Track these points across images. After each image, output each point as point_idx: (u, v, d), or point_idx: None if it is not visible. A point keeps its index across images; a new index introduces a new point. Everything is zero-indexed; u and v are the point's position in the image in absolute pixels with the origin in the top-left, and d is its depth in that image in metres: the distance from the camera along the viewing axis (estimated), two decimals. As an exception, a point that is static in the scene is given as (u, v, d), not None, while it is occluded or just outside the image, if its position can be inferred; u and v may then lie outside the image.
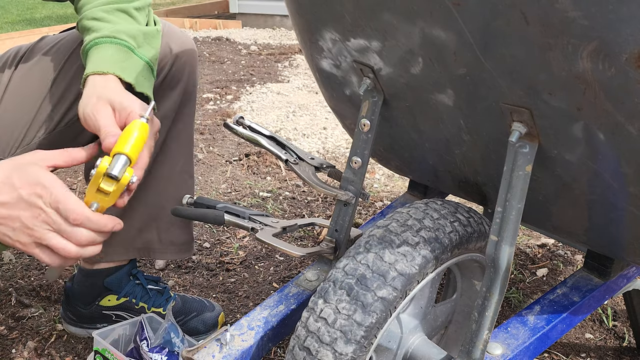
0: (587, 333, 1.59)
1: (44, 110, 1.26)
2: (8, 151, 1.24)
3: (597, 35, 0.65)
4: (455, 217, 0.96)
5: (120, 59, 1.10)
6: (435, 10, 0.78)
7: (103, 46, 1.10)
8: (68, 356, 1.49)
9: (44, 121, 1.25)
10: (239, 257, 1.96)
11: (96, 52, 1.09)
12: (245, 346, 1.01)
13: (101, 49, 1.10)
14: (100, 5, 1.16)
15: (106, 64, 1.07)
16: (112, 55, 1.09)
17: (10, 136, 1.24)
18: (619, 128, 0.73)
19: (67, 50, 1.28)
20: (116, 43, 1.11)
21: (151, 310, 1.51)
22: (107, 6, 1.16)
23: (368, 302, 0.86)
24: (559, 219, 1.00)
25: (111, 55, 1.09)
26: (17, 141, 1.25)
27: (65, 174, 2.62)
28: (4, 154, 1.24)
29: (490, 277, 0.88)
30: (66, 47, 1.28)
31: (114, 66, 1.07)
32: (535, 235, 2.07)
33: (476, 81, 0.84)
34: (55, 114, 1.26)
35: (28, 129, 1.25)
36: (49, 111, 1.26)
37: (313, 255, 1.09)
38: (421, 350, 1.02)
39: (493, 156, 0.96)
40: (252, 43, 5.78)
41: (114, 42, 1.11)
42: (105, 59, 1.08)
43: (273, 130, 3.25)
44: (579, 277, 1.14)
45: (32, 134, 1.25)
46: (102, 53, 1.09)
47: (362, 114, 1.04)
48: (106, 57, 1.08)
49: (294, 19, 1.10)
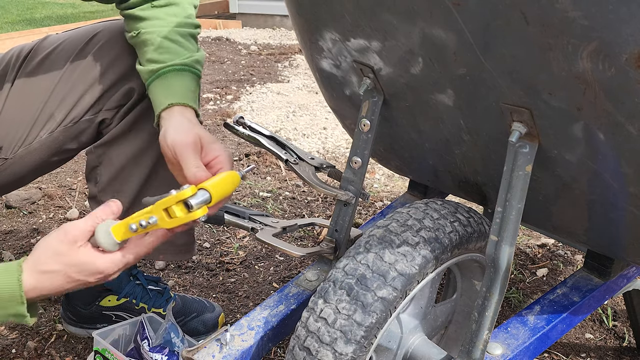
0: (587, 333, 1.59)
1: (47, 110, 1.26)
2: (10, 150, 1.25)
3: (597, 35, 0.65)
4: (455, 217, 0.96)
5: (195, 89, 1.16)
6: (435, 10, 0.78)
7: (185, 75, 1.15)
8: (68, 356, 1.49)
9: (46, 121, 1.26)
10: (239, 257, 1.96)
11: (179, 79, 1.14)
12: (245, 346, 1.01)
13: (184, 78, 1.15)
14: (171, 26, 1.18)
15: (189, 95, 1.13)
16: (190, 85, 1.15)
17: (13, 136, 1.25)
18: (619, 128, 0.73)
19: (71, 50, 1.28)
20: (194, 73, 1.17)
21: (151, 310, 1.51)
22: (182, 29, 1.19)
23: (368, 302, 0.86)
24: (559, 219, 1.00)
25: (189, 85, 1.15)
26: (20, 140, 1.25)
27: (66, 174, 2.62)
28: (6, 153, 1.25)
29: (490, 277, 0.88)
30: (71, 47, 1.28)
31: (194, 99, 1.14)
32: (535, 235, 2.07)
33: (476, 81, 0.83)
34: (58, 113, 1.26)
35: (31, 129, 1.26)
36: (52, 111, 1.26)
37: (313, 255, 1.09)
38: (421, 350, 1.02)
39: (493, 156, 0.96)
40: (252, 43, 5.78)
41: (192, 71, 1.16)
42: (188, 89, 1.14)
43: (273, 130, 3.25)
44: (579, 277, 1.14)
45: (35, 134, 1.26)
46: (185, 82, 1.14)
47: (362, 114, 1.04)
48: (189, 88, 1.15)
49: (294, 19, 1.10)
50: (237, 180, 1.00)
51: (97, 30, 1.29)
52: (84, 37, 1.28)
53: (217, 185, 0.95)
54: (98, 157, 1.32)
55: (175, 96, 1.12)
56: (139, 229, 0.91)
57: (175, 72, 1.14)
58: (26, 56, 1.29)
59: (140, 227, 0.91)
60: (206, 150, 1.06)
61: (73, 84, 1.26)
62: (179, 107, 1.11)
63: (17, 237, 2.08)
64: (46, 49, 1.29)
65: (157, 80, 1.15)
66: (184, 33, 1.19)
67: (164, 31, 1.17)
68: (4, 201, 2.32)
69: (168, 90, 1.13)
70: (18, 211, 2.27)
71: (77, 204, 2.35)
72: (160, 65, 1.14)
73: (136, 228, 0.91)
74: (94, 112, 1.27)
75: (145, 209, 0.93)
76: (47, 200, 2.36)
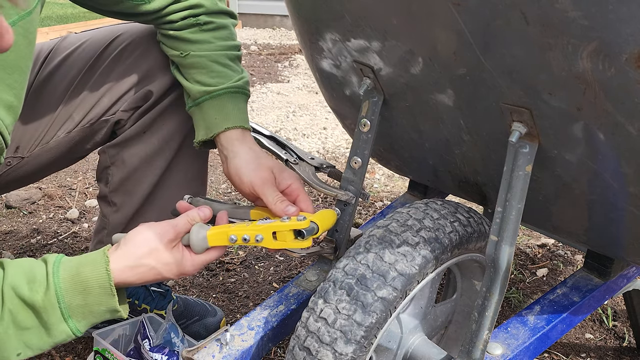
0: (587, 333, 1.59)
1: (65, 111, 1.27)
2: (27, 149, 1.27)
3: (597, 35, 0.65)
4: (455, 217, 0.96)
5: (246, 110, 1.20)
6: (435, 10, 0.78)
7: (238, 97, 1.19)
8: (68, 356, 1.49)
9: (64, 121, 1.28)
10: (239, 257, 1.96)
11: (233, 102, 1.18)
12: (245, 346, 1.01)
13: (238, 100, 1.18)
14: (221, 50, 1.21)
15: (244, 117, 1.18)
16: (243, 107, 1.19)
17: (31, 135, 1.27)
18: (619, 128, 0.73)
19: (92, 52, 1.29)
20: (245, 94, 1.21)
21: (153, 312, 1.51)
22: (230, 52, 1.22)
23: (368, 302, 0.86)
24: (559, 219, 1.00)
25: (243, 107, 1.19)
26: (38, 140, 1.27)
27: (66, 174, 2.62)
28: (23, 152, 1.27)
29: (490, 277, 0.88)
30: (91, 49, 1.30)
31: (248, 120, 1.19)
32: (535, 235, 2.07)
33: (476, 81, 0.83)
34: (77, 114, 1.28)
35: (49, 129, 1.27)
36: (70, 112, 1.27)
37: (313, 255, 1.09)
38: (421, 350, 1.02)
39: (493, 156, 0.96)
40: (252, 43, 5.78)
41: (244, 92, 1.20)
42: (243, 111, 1.19)
43: (273, 130, 3.25)
44: (579, 277, 1.14)
45: (52, 133, 1.27)
46: (239, 105, 1.18)
47: (362, 114, 1.04)
48: (243, 110, 1.19)
49: (294, 19, 1.10)
50: (335, 217, 1.08)
51: (118, 32, 1.31)
52: (105, 39, 1.30)
53: (322, 220, 1.02)
54: (111, 157, 1.32)
55: (232, 119, 1.16)
56: (238, 241, 0.97)
57: (230, 95, 1.18)
58: (46, 57, 1.30)
59: (242, 241, 0.97)
60: (279, 180, 1.10)
61: (92, 85, 1.28)
62: (237, 132, 1.15)
63: (17, 237, 2.08)
64: (66, 49, 1.30)
65: (210, 100, 1.17)
66: (232, 57, 1.22)
67: (214, 55, 1.19)
68: (4, 201, 2.32)
69: (223, 113, 1.16)
70: (18, 211, 2.27)
71: (77, 204, 2.35)
72: (213, 88, 1.17)
73: (236, 240, 0.97)
74: (111, 112, 1.29)
75: (243, 225, 0.99)
76: (47, 200, 2.36)
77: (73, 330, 0.90)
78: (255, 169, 1.11)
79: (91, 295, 0.90)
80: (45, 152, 1.29)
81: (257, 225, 0.98)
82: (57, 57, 1.29)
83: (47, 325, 0.88)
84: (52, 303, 0.87)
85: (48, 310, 0.87)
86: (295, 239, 0.97)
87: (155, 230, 0.96)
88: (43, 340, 0.89)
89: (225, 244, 0.99)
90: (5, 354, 0.87)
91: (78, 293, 0.89)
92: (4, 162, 1.26)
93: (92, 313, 0.91)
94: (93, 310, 0.91)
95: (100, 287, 0.90)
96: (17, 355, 0.88)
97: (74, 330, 0.90)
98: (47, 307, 0.87)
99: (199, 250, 0.99)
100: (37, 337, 0.89)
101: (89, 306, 0.90)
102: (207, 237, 0.98)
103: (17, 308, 0.86)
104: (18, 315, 0.86)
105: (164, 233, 0.96)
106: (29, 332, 0.88)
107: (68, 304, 0.88)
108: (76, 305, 0.89)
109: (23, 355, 0.89)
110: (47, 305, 0.87)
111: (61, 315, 0.88)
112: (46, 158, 1.30)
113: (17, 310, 0.86)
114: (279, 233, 0.97)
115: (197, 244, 0.98)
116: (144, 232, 0.96)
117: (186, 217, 1.00)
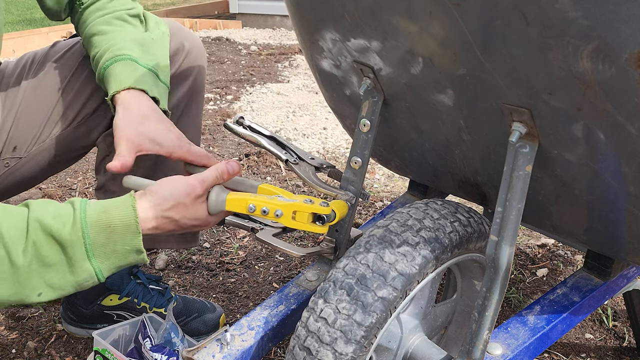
0: (587, 333, 1.59)
1: (59, 108, 1.31)
2: (25, 149, 1.30)
3: (597, 35, 0.65)
4: (455, 217, 0.96)
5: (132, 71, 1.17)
6: (435, 10, 0.78)
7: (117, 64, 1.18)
8: (68, 356, 1.49)
9: (58, 119, 1.31)
10: (239, 257, 1.96)
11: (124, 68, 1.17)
12: (245, 346, 1.01)
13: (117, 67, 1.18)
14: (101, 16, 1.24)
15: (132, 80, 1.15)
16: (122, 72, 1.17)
17: (27, 135, 1.30)
18: (619, 128, 0.73)
19: (79, 54, 1.35)
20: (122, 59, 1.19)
21: (152, 310, 1.51)
22: (106, 16, 1.24)
23: (368, 302, 0.86)
24: (559, 219, 1.00)
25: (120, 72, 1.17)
26: (34, 139, 1.30)
27: (66, 174, 2.62)
28: (21, 152, 1.30)
29: (490, 277, 0.88)
30: (78, 51, 1.35)
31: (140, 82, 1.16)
32: (535, 235, 2.07)
33: (476, 81, 0.84)
34: (70, 112, 1.31)
35: (44, 127, 1.30)
36: (63, 109, 1.31)
37: (313, 255, 1.09)
38: (421, 350, 1.02)
39: (493, 156, 0.96)
40: (252, 43, 5.78)
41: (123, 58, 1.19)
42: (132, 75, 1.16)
43: (273, 130, 3.25)
44: (579, 277, 1.14)
45: (48, 132, 1.30)
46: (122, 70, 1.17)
47: (362, 114, 1.04)
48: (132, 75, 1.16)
49: (294, 19, 1.10)
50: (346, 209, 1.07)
51: None
52: None
53: (338, 209, 1.01)
54: (108, 146, 1.34)
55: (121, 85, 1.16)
56: (256, 212, 0.97)
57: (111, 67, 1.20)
58: (40, 60, 1.36)
59: (260, 213, 0.97)
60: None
61: (84, 82, 1.31)
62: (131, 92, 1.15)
63: (17, 237, 2.08)
64: (57, 53, 1.36)
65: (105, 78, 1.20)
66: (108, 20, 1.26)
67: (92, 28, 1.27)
68: (3, 201, 2.32)
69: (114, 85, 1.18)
70: (18, 211, 2.27)
71: (77, 204, 2.34)
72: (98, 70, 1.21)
73: (254, 209, 0.97)
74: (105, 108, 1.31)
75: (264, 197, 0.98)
76: (47, 200, 2.36)
77: (96, 271, 0.89)
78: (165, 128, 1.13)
79: (116, 233, 0.90)
80: (42, 151, 1.31)
81: (279, 201, 0.97)
82: (49, 61, 1.35)
83: (71, 262, 0.87)
84: (78, 237, 0.87)
85: (74, 244, 0.87)
86: (313, 222, 0.97)
87: (185, 184, 0.97)
88: (66, 278, 0.88)
89: (242, 212, 0.99)
90: (26, 291, 0.85)
91: (102, 230, 0.89)
92: (3, 164, 1.28)
93: (115, 253, 0.90)
94: (116, 249, 0.90)
95: (125, 225, 0.90)
96: (38, 295, 0.86)
97: (97, 272, 0.89)
98: (74, 240, 0.86)
99: (214, 212, 1.00)
100: (60, 275, 0.87)
101: (113, 244, 0.90)
102: (226, 201, 0.98)
103: (42, 241, 0.85)
104: (42, 249, 0.85)
105: (193, 188, 0.97)
106: (52, 269, 0.86)
107: (92, 241, 0.88)
108: (100, 244, 0.89)
109: (44, 296, 0.87)
110: (73, 238, 0.86)
111: (85, 253, 0.88)
112: (44, 157, 1.32)
113: (42, 244, 0.85)
114: (298, 213, 0.96)
115: (214, 205, 0.99)
116: (173, 184, 0.97)
117: (215, 172, 1.00)
